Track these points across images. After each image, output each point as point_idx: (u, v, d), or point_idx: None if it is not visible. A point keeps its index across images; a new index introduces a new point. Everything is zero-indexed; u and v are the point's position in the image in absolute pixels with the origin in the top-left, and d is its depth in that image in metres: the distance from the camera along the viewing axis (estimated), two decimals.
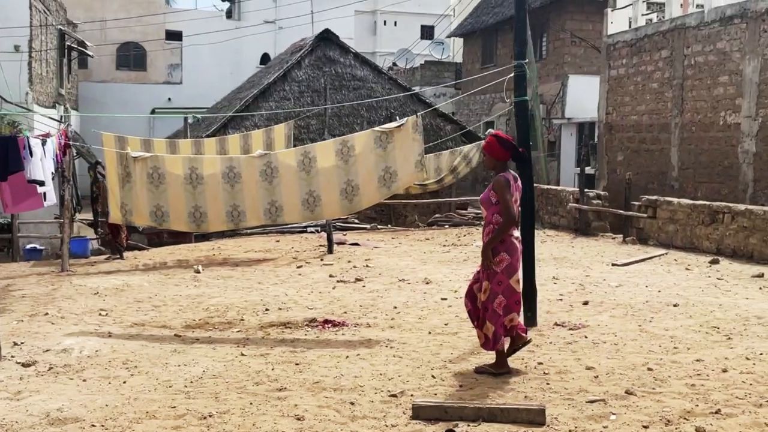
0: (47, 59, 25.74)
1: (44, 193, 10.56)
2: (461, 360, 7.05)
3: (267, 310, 9.64)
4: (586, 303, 9.59)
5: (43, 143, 10.49)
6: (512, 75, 8.29)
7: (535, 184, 21.67)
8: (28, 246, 17.38)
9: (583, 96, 26.35)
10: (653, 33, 20.59)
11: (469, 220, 20.65)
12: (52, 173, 11.15)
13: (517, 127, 8.44)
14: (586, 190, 17.97)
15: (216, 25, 35.94)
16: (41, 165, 10.11)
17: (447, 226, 20.17)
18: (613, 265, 12.86)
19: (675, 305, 9.32)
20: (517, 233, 6.60)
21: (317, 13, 37.45)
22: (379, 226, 20.14)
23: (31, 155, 10.07)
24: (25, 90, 23.06)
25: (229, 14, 42.09)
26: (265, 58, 36.80)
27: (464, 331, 8.32)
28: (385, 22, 58.78)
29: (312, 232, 18.82)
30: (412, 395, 5.98)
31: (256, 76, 27.84)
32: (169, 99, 35.69)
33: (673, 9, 20.14)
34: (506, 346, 6.64)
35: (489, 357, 6.81)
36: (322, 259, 14.28)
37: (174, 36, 36.61)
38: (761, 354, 7.02)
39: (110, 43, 35.25)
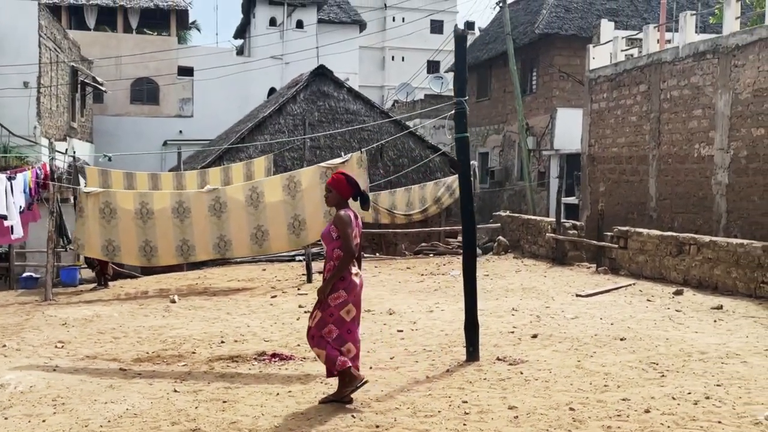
0: (58, 94, 25.76)
1: (11, 227, 10.35)
2: (388, 398, 6.73)
3: (223, 342, 9.36)
4: (535, 336, 9.24)
5: (12, 178, 10.30)
6: (453, 112, 7.97)
7: (516, 214, 21.43)
8: (25, 274, 17.21)
9: (571, 128, 26.04)
10: (632, 68, 20.29)
11: (453, 248, 20.31)
12: (22, 207, 10.95)
13: (459, 161, 8.15)
14: (562, 220, 17.62)
15: (225, 61, 35.92)
16: (4, 200, 9.90)
17: (431, 255, 19.85)
18: (577, 296, 12.50)
19: (622, 339, 8.96)
20: (356, 269, 6.45)
21: (323, 47, 37.55)
22: (365, 255, 19.83)
23: None
24: (34, 124, 23.04)
25: (240, 51, 42.16)
26: (271, 92, 36.74)
27: (407, 365, 8.01)
28: (393, 57, 58.95)
29: (300, 260, 18.54)
30: None
31: (256, 109, 27.75)
32: (181, 131, 35.60)
33: (650, 45, 19.85)
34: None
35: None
36: (299, 289, 13.99)
37: (185, 72, 36.60)
38: (689, 393, 6.66)
39: (125, 78, 35.31)
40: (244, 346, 9.14)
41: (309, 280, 14.84)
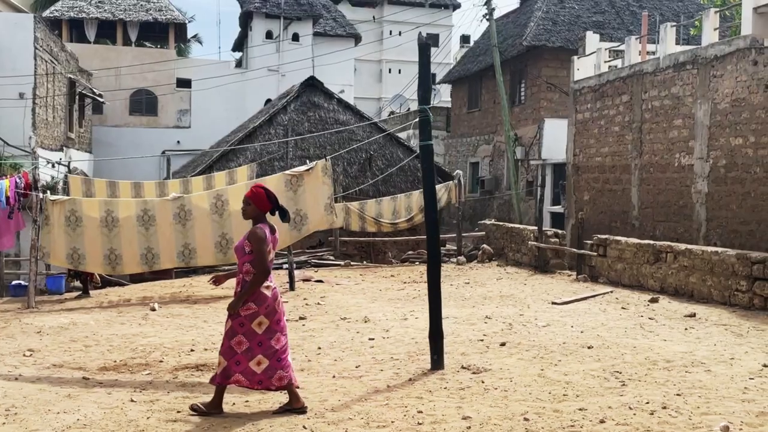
0: (54, 105, 25.60)
1: None
2: (344, 408, 6.50)
3: (192, 350, 9.14)
4: (503, 344, 9.00)
5: None
6: (415, 120, 7.76)
7: (500, 223, 21.20)
8: (15, 282, 16.97)
9: (558, 138, 25.84)
10: (614, 79, 20.10)
11: None
12: None
13: (423, 171, 7.95)
14: (545, 228, 17.39)
15: (222, 73, 35.82)
16: None
17: (417, 263, 19.61)
18: (553, 303, 12.26)
19: (589, 347, 8.72)
20: (269, 282, 6.28)
21: (318, 60, 37.44)
22: (352, 263, 19.63)
23: None
24: (29, 134, 22.86)
25: (239, 63, 42.03)
26: (267, 103, 36.62)
27: (371, 374, 7.78)
28: (390, 70, 58.82)
29: (287, 268, 18.29)
30: None
31: (249, 120, 27.59)
32: (179, 142, 35.45)
33: (632, 56, 19.66)
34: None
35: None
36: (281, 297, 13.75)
37: (184, 83, 36.48)
38: (647, 403, 6.42)
39: (124, 89, 35.18)
40: (212, 354, 8.89)
41: (291, 288, 14.61)
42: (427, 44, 7.77)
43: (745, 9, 13.24)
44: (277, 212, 6.52)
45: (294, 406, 6.32)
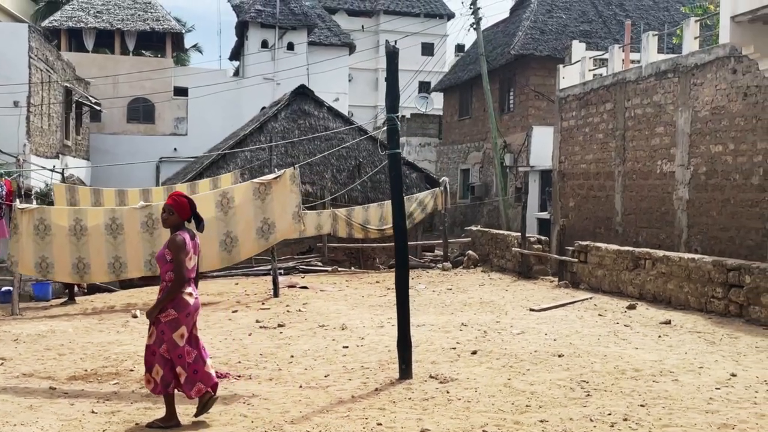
0: (50, 113, 25.41)
1: None
2: (304, 420, 6.30)
3: None
4: (474, 353, 8.80)
5: None
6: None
7: (486, 229, 21.00)
8: (4, 288, 16.76)
9: (546, 145, 25.66)
10: (598, 87, 19.93)
11: (426, 262, 19.90)
12: None
13: (390, 179, 7.75)
14: (528, 235, 17.21)
15: (219, 81, 35.65)
16: None
17: None
18: (531, 310, 12.06)
19: (560, 356, 8.52)
20: (190, 289, 6.16)
21: (313, 69, 37.32)
22: (340, 269, 19.42)
23: None
24: (23, 142, 22.67)
25: (237, 72, 41.87)
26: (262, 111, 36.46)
27: (338, 384, 7.59)
28: (386, 78, 58.59)
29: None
30: None
31: (241, 128, 27.42)
32: (175, 149, 35.25)
33: (616, 65, 19.49)
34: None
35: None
36: (264, 303, 13.57)
37: (180, 92, 36.29)
38: (609, 414, 6.23)
39: (122, 96, 34.98)
40: None
41: (276, 295, 14.42)
42: (395, 52, 7.59)
43: (723, 17, 12.98)
44: (193, 220, 6.40)
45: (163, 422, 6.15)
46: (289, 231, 10.90)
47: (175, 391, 6.18)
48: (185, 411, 6.36)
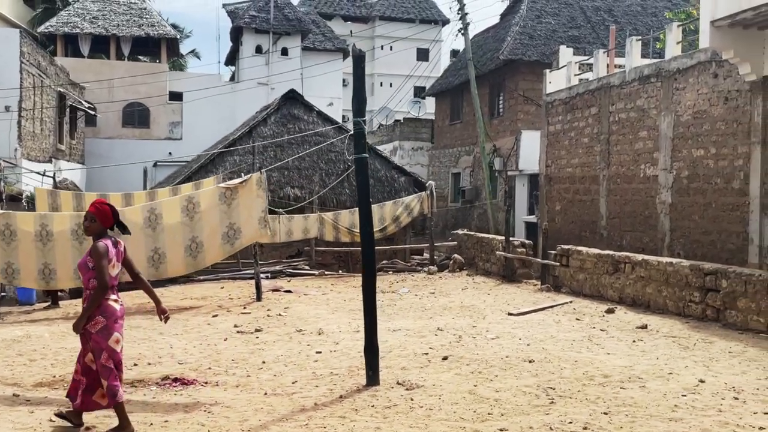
0: (42, 118, 25.25)
1: None
2: (262, 429, 6.13)
3: (135, 365, 8.75)
4: (445, 358, 8.63)
5: None
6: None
7: (471, 233, 20.83)
8: None
9: (535, 149, 25.49)
10: (584, 92, 19.78)
11: (412, 266, 19.74)
12: None
13: (357, 184, 7.59)
14: (513, 238, 17.04)
15: (213, 85, 35.52)
16: None
17: (390, 272, 19.24)
18: (509, 314, 11.89)
19: (531, 361, 8.35)
20: (114, 296, 6.05)
21: (307, 74, 37.20)
22: (327, 273, 19.25)
23: None
24: (14, 146, 22.52)
25: (232, 78, 41.74)
26: None
27: (304, 391, 7.43)
28: (381, 83, 58.50)
29: (262, 278, 17.92)
30: None
31: (231, 132, 27.26)
32: (170, 153, 35.07)
33: (600, 69, 19.34)
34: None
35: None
36: (245, 307, 13.38)
37: (175, 96, 36.15)
38: (570, 422, 6.06)
39: (117, 101, 34.84)
40: (154, 369, 8.54)
41: (258, 299, 14.25)
42: (361, 56, 7.42)
43: (703, 22, 12.88)
44: (116, 226, 6.27)
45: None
46: (255, 236, 10.72)
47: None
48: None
